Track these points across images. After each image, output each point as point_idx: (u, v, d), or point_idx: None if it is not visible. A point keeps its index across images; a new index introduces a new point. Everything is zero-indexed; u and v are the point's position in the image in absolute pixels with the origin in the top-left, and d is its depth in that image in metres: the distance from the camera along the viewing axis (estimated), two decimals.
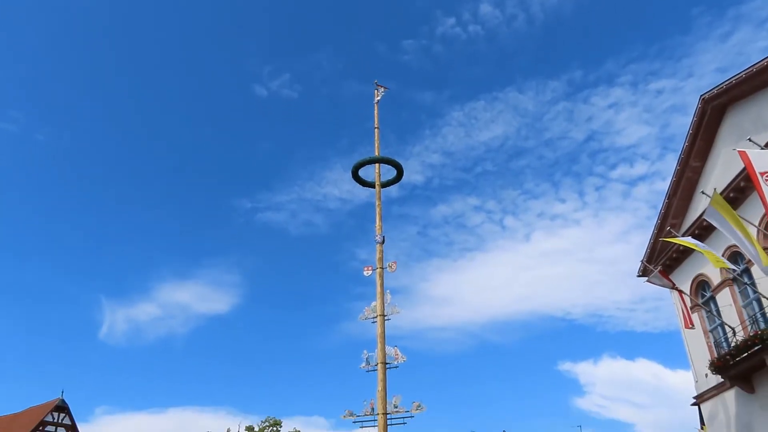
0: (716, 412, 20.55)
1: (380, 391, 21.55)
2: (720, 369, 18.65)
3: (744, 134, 16.63)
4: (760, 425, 17.83)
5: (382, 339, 22.54)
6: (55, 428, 45.38)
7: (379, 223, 23.40)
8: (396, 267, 23.27)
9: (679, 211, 22.08)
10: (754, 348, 16.50)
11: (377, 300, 23.10)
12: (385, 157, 21.60)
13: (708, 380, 20.60)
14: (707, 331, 21.06)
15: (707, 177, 20.61)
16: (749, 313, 18.58)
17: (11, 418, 48.78)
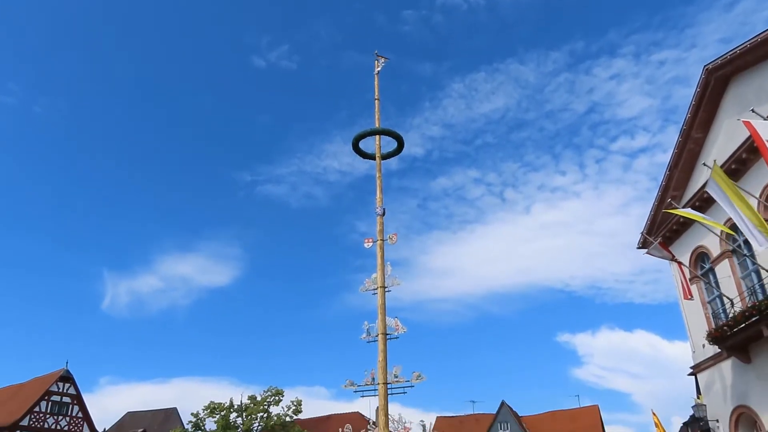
0: (713, 381, 20.83)
1: (381, 361, 21.82)
2: (717, 339, 18.86)
3: (747, 105, 16.51)
4: (756, 394, 18.10)
5: (382, 310, 22.72)
6: (61, 398, 46.08)
7: (380, 195, 23.39)
8: (396, 239, 23.33)
9: (680, 183, 22.08)
10: (752, 319, 16.65)
11: (378, 272, 23.23)
12: (385, 128, 21.51)
13: (705, 351, 20.84)
14: (705, 303, 21.23)
15: (709, 149, 20.56)
16: (748, 284, 18.71)
17: (17, 388, 49.52)
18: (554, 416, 54.52)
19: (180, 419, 53.27)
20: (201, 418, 39.34)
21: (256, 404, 38.92)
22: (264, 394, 39.62)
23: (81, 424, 46.81)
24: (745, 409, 18.91)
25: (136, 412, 62.35)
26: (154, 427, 54.99)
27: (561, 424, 51.87)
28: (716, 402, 20.64)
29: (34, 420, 43.83)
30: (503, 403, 52.57)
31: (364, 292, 22.99)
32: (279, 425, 38.36)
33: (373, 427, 23.74)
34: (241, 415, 39.00)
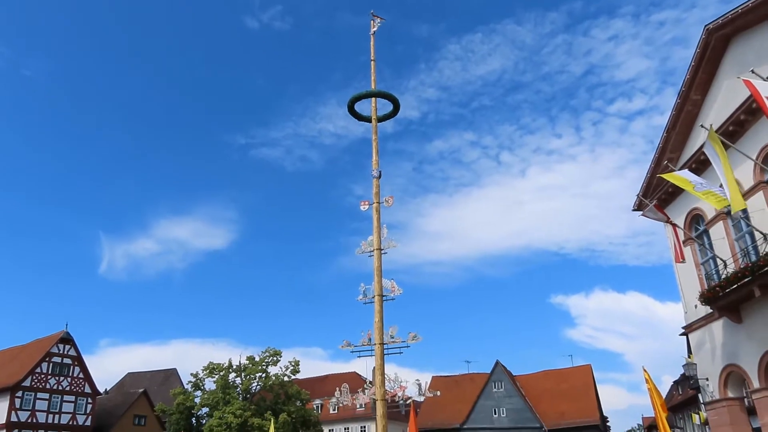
0: (703, 341, 21.17)
1: (377, 322, 22.10)
2: (709, 300, 19.10)
3: (747, 66, 16.34)
4: (745, 353, 18.43)
5: (378, 272, 22.88)
6: (61, 359, 46.68)
7: (376, 158, 23.32)
8: (393, 202, 23.33)
9: (677, 145, 22.02)
10: (745, 280, 16.83)
11: (374, 234, 23.33)
12: (382, 90, 21.31)
13: (697, 311, 21.12)
14: (699, 264, 21.42)
15: (707, 110, 20.44)
16: (741, 246, 18.85)
17: (18, 350, 50.10)
18: (547, 375, 55.55)
19: (180, 379, 54.16)
20: (200, 378, 39.97)
21: (255, 365, 39.51)
22: (262, 355, 40.19)
23: (82, 384, 47.54)
24: (735, 368, 19.29)
25: (136, 372, 63.28)
26: (154, 387, 55.89)
27: (554, 383, 52.91)
28: (706, 361, 21.02)
29: (35, 381, 44.48)
30: (497, 362, 53.49)
31: (360, 255, 23.11)
32: (277, 385, 39.04)
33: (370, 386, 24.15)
34: (240, 375, 39.64)
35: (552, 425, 48.87)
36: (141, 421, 50.46)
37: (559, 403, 50.19)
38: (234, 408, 35.45)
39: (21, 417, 43.00)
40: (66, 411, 45.97)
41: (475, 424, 50.52)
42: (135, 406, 51.34)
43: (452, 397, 50.00)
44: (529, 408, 50.25)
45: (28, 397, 43.95)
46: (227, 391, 37.66)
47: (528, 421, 49.47)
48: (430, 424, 49.53)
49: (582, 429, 47.88)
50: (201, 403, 38.76)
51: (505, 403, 50.79)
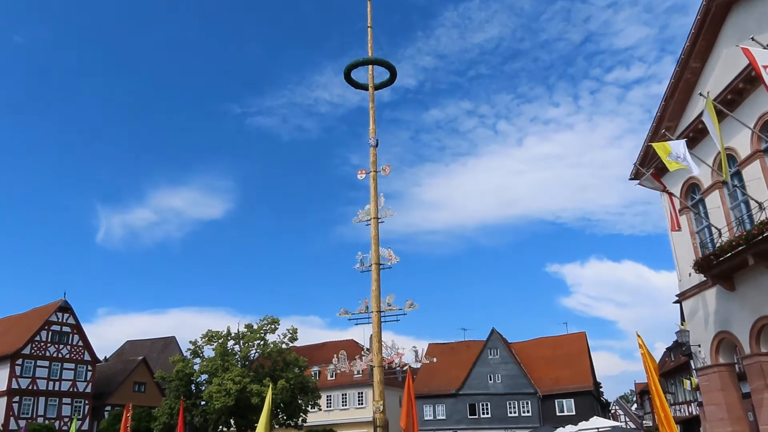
0: (696, 308, 21.43)
1: (374, 290, 22.26)
2: (703, 268, 19.27)
3: (747, 33, 16.19)
4: (737, 320, 18.69)
5: (376, 241, 22.95)
6: (60, 327, 47.06)
7: (373, 126, 23.21)
8: (389, 170, 23.27)
9: (675, 113, 21.93)
10: (739, 248, 16.96)
11: (371, 203, 23.31)
12: (379, 58, 21.09)
13: (691, 279, 21.32)
14: (694, 233, 21.55)
15: (706, 78, 20.31)
16: (736, 215, 18.94)
17: (17, 318, 50.44)
18: (542, 342, 56.26)
19: (179, 347, 54.72)
20: (199, 346, 40.35)
21: (253, 332, 39.87)
22: (260, 323, 40.53)
23: (82, 352, 48.02)
24: (727, 335, 19.57)
25: (135, 340, 63.89)
26: (153, 355, 56.52)
27: (549, 350, 53.63)
28: (699, 328, 21.31)
29: (35, 348, 44.89)
30: (493, 330, 54.09)
31: (357, 223, 23.20)
32: (275, 352, 39.47)
33: (367, 353, 24.47)
34: (239, 343, 40.04)
35: (546, 391, 49.69)
36: (141, 387, 51.16)
37: (553, 370, 50.96)
38: (233, 375, 35.89)
39: (22, 384, 43.53)
40: (66, 378, 46.53)
41: (470, 390, 51.32)
42: (135, 373, 51.99)
43: (448, 363, 50.69)
44: (523, 374, 51.01)
45: (29, 364, 44.41)
46: (226, 359, 38.08)
47: (522, 387, 50.26)
48: (426, 390, 50.32)
49: (575, 395, 48.71)
50: (200, 370, 39.20)
51: (500, 370, 51.54)
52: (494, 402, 50.33)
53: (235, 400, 35.05)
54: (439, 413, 51.47)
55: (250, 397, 34.91)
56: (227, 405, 34.99)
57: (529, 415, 49.16)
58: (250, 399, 34.82)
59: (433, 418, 50.73)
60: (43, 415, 43.70)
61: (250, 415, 35.74)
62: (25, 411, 43.15)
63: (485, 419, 49.84)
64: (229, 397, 34.91)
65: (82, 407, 46.65)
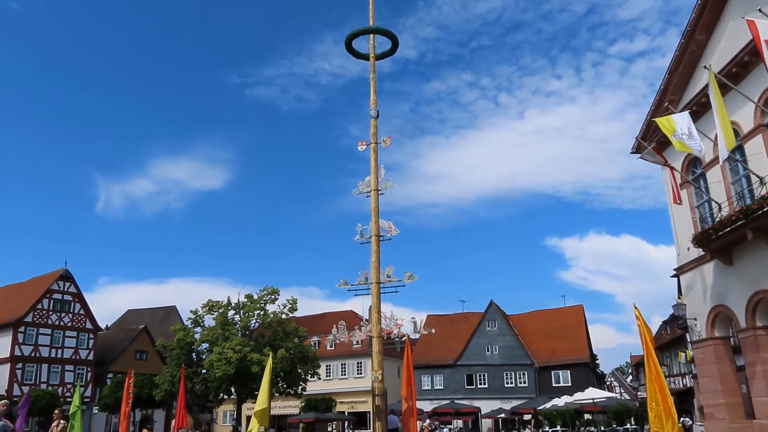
0: (694, 282, 21.55)
1: (374, 262, 22.34)
2: (702, 242, 19.32)
3: (755, 5, 15.96)
4: (734, 294, 18.81)
5: (375, 213, 22.96)
6: (62, 296, 47.39)
7: (374, 97, 23.00)
8: (390, 142, 23.15)
9: (679, 86, 21.74)
10: (738, 223, 16.98)
11: (371, 175, 23.26)
12: (380, 27, 20.80)
13: (690, 253, 21.39)
14: (694, 207, 21.54)
15: (711, 51, 20.08)
16: (737, 189, 18.92)
17: (18, 287, 50.74)
18: (540, 315, 56.72)
19: (179, 316, 55.18)
20: (200, 315, 40.67)
21: (253, 302, 40.16)
22: (260, 293, 40.78)
23: (83, 320, 48.45)
24: (723, 308, 19.72)
25: (136, 309, 64.39)
26: (154, 324, 57.01)
27: (546, 323, 54.10)
28: (696, 302, 21.45)
29: (37, 316, 45.27)
30: (491, 302, 54.48)
31: (357, 195, 23.16)
32: (275, 322, 39.82)
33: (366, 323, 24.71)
34: (239, 313, 40.36)
35: (542, 362, 50.27)
36: (142, 356, 51.75)
37: (550, 342, 51.48)
38: (233, 344, 36.27)
39: (24, 351, 44.02)
40: (68, 346, 47.04)
41: (468, 361, 51.92)
42: (136, 341, 52.54)
43: (446, 335, 51.19)
44: (521, 346, 51.55)
45: (31, 332, 44.84)
46: (226, 328, 38.43)
47: (519, 358, 50.83)
48: (424, 361, 50.92)
49: (572, 366, 49.29)
50: (201, 339, 39.58)
51: (497, 341, 52.05)
52: (491, 373, 50.97)
53: (235, 369, 35.48)
54: (437, 383, 52.18)
55: (250, 365, 35.33)
56: (228, 373, 35.45)
57: (525, 386, 49.83)
58: (250, 368, 35.25)
59: (431, 388, 51.45)
60: (46, 382, 44.30)
61: (251, 383, 36.22)
62: (29, 377, 43.72)
63: (482, 389, 50.53)
64: (230, 365, 35.33)
65: (84, 374, 47.26)
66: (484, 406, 45.53)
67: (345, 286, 23.10)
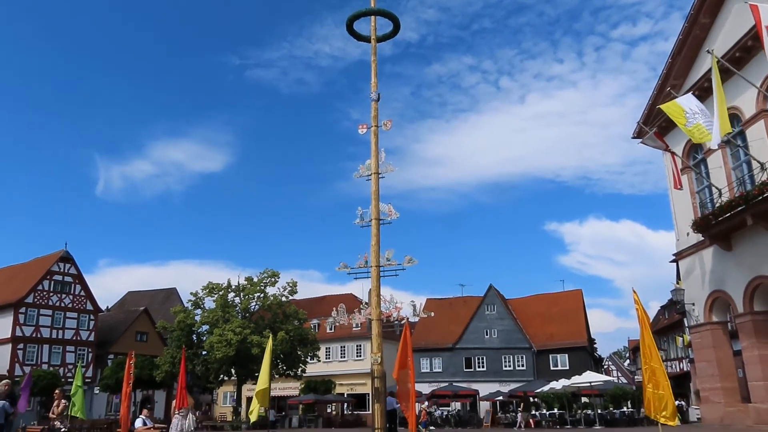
0: (693, 267, 21.63)
1: (374, 245, 22.36)
2: (702, 228, 19.37)
3: None
4: (733, 279, 18.89)
5: (376, 196, 22.97)
6: (62, 277, 47.53)
7: (374, 80, 22.88)
8: (391, 125, 23.07)
9: (681, 71, 21.64)
10: (738, 208, 17.01)
11: (372, 158, 23.22)
12: (381, 9, 20.64)
13: (689, 239, 21.44)
14: (694, 193, 21.56)
15: (714, 35, 19.95)
16: (738, 175, 18.91)
17: (19, 268, 50.88)
18: (538, 299, 56.91)
19: (180, 298, 55.38)
20: (200, 298, 40.83)
21: (253, 285, 40.30)
22: (260, 276, 40.90)
23: (84, 301, 48.64)
24: (721, 294, 19.82)
25: (137, 291, 64.60)
26: (155, 306, 57.24)
27: (545, 307, 54.30)
28: (694, 287, 21.55)
29: (38, 298, 45.45)
30: (491, 286, 54.61)
31: (358, 178, 23.13)
32: (275, 305, 39.98)
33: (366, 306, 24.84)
34: (239, 295, 40.52)
35: (541, 346, 50.55)
36: (143, 337, 52.04)
37: (548, 326, 51.71)
38: (233, 326, 36.46)
39: (26, 332, 44.25)
40: (69, 327, 47.27)
41: (467, 345, 52.21)
42: (136, 323, 52.80)
43: (446, 318, 51.43)
44: (519, 330, 51.81)
45: (32, 313, 45.05)
46: (227, 310, 38.61)
47: (518, 342, 51.12)
48: (423, 344, 51.19)
49: (570, 350, 49.56)
50: (201, 321, 39.76)
51: (496, 325, 52.29)
52: (490, 356, 51.29)
53: (235, 351, 35.71)
54: (436, 366, 52.53)
55: (250, 347, 35.54)
56: (228, 355, 35.68)
57: (523, 369, 50.16)
58: (250, 349, 35.46)
59: (430, 371, 51.80)
60: (47, 362, 44.59)
61: (251, 364, 36.45)
62: (30, 358, 44.02)
63: (480, 372, 50.87)
64: (230, 347, 35.56)
65: (85, 355, 47.56)
66: (483, 389, 45.83)
67: (345, 270, 23.16)
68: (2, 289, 47.02)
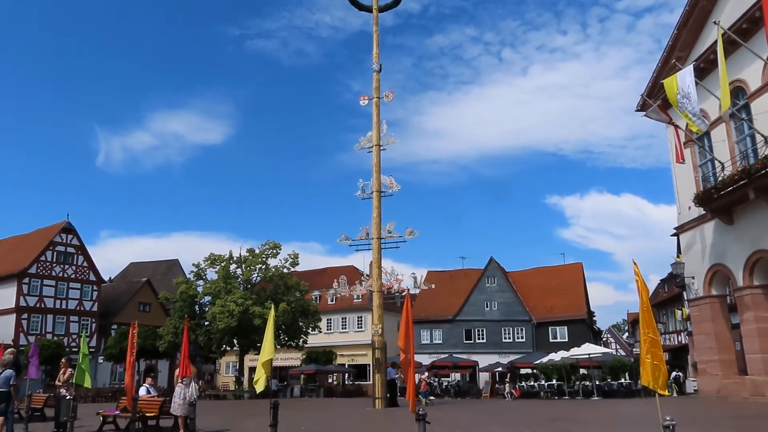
0: (694, 241, 21.66)
1: (375, 217, 22.41)
2: (704, 201, 19.34)
3: None
4: (733, 253, 18.94)
5: (377, 168, 22.90)
6: (65, 248, 47.74)
7: (376, 50, 22.72)
8: (392, 97, 22.96)
9: (687, 43, 21.38)
10: (741, 182, 16.96)
11: (373, 130, 23.12)
12: None
13: (690, 213, 21.44)
14: (697, 166, 21.49)
15: (722, 6, 19.65)
16: (741, 148, 18.82)
17: (21, 239, 51.09)
18: (539, 272, 57.16)
19: (182, 269, 55.67)
20: (202, 269, 41.04)
21: (255, 257, 40.46)
22: (262, 248, 41.05)
23: (87, 272, 48.93)
24: (721, 267, 19.89)
25: (139, 262, 64.92)
26: (157, 277, 57.58)
27: (545, 280, 54.56)
28: (695, 260, 21.62)
29: (41, 268, 45.72)
30: (491, 259, 54.81)
31: (359, 150, 23.09)
32: (277, 276, 40.19)
33: (367, 278, 24.99)
34: (241, 267, 40.72)
35: (540, 318, 50.95)
36: (146, 308, 52.47)
37: (548, 298, 52.04)
38: (235, 297, 36.71)
39: (30, 302, 44.63)
40: (73, 297, 47.65)
41: (467, 317, 52.61)
42: (139, 293, 53.19)
43: (446, 290, 51.70)
44: (519, 302, 52.15)
45: (35, 283, 45.37)
46: (228, 281, 38.84)
47: (518, 314, 51.49)
48: (424, 316, 51.59)
49: (569, 322, 49.96)
50: (203, 292, 40.04)
51: (496, 298, 52.62)
52: (490, 328, 51.72)
53: (237, 321, 36.02)
54: (436, 338, 53.03)
55: (252, 318, 35.84)
56: (230, 325, 36.01)
57: (523, 341, 50.63)
58: (252, 320, 35.77)
59: (430, 342, 52.32)
60: (51, 332, 45.06)
61: (252, 335, 36.81)
62: (34, 327, 44.48)
63: (480, 344, 51.36)
64: (232, 318, 35.86)
65: (89, 325, 48.02)
66: (482, 360, 46.31)
67: (346, 241, 23.30)
68: (5, 260, 47.28)
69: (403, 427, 12.58)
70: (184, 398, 12.12)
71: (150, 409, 12.52)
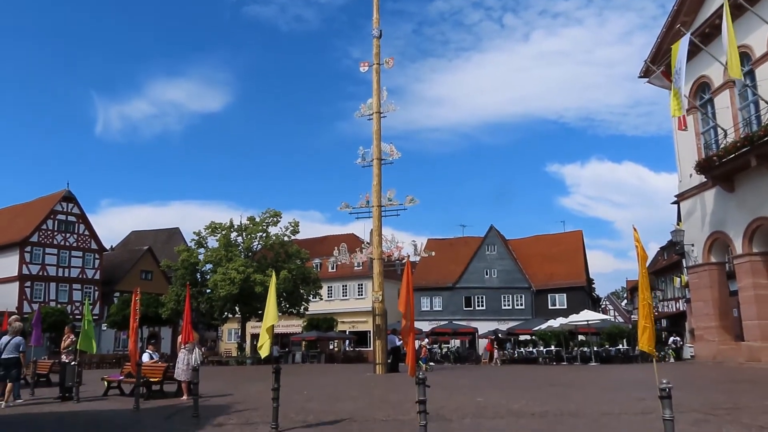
0: (694, 209, 21.68)
1: (375, 185, 22.37)
2: (705, 169, 19.30)
3: None
4: (733, 220, 18.97)
5: (377, 136, 22.80)
6: (66, 216, 47.83)
7: (376, 15, 22.39)
8: (393, 63, 22.70)
9: (692, 7, 21.04)
10: (743, 149, 16.90)
11: (373, 97, 22.93)
12: None
13: (691, 180, 21.41)
14: (699, 134, 21.37)
15: None
16: (744, 116, 18.69)
17: (22, 207, 51.15)
18: (539, 240, 57.35)
19: (183, 238, 55.88)
20: (203, 237, 41.18)
21: (255, 225, 40.56)
22: (262, 216, 41.12)
23: (88, 241, 49.12)
24: (720, 235, 19.94)
25: (140, 231, 65.12)
26: (158, 245, 57.80)
27: (545, 247, 54.77)
28: (694, 228, 21.67)
29: (42, 237, 45.89)
30: (491, 227, 54.95)
31: (359, 118, 22.93)
32: (277, 244, 40.36)
33: (367, 246, 25.08)
34: (241, 235, 40.84)
35: (540, 286, 51.32)
36: (147, 276, 52.83)
37: (548, 266, 52.30)
38: (237, 265, 36.91)
39: (32, 270, 44.91)
40: (75, 265, 47.94)
41: (467, 284, 53.00)
42: (141, 261, 53.49)
43: (446, 258, 51.94)
44: (519, 270, 52.45)
45: (37, 251, 45.59)
46: (229, 249, 39.00)
47: (517, 281, 51.86)
48: (423, 283, 51.95)
49: (568, 290, 50.32)
50: (204, 260, 40.23)
51: (496, 265, 52.91)
52: (489, 295, 52.14)
53: (239, 289, 36.29)
54: (436, 305, 53.50)
55: (253, 286, 36.10)
56: (232, 293, 36.29)
57: (522, 308, 51.09)
58: (253, 288, 36.04)
59: (430, 309, 52.80)
60: (54, 300, 45.46)
61: (254, 302, 37.15)
62: (37, 295, 44.85)
63: (480, 311, 51.84)
64: (234, 285, 36.11)
65: (92, 293, 48.40)
66: (482, 327, 46.78)
67: (346, 209, 23.33)
68: (7, 229, 47.41)
69: (403, 390, 12.78)
70: (188, 364, 12.29)
71: (154, 374, 12.72)
